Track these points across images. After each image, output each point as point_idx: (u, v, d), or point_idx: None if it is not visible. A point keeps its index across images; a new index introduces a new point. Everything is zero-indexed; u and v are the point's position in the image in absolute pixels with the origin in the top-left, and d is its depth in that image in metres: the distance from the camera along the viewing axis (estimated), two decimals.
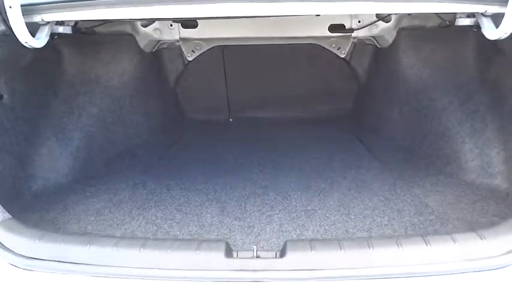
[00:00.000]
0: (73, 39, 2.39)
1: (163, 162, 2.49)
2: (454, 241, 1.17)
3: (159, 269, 1.09)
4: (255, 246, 1.17)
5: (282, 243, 1.70)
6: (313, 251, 1.16)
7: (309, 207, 1.95)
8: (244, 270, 1.09)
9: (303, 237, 1.74)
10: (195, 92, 3.07)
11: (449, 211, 1.86)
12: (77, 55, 2.42)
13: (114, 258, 1.17)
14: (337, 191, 2.08)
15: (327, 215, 1.88)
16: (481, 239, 1.17)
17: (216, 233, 1.77)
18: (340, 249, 1.18)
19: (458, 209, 1.87)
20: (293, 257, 1.14)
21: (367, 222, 1.81)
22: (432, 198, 1.97)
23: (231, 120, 3.19)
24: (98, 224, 1.85)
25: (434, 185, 2.09)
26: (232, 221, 1.86)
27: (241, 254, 1.18)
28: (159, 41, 2.71)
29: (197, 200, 2.04)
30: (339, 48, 2.94)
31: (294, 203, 1.99)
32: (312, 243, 1.21)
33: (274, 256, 1.18)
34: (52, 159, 2.20)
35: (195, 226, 1.83)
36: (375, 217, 1.85)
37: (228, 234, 1.77)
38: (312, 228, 1.79)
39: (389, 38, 2.54)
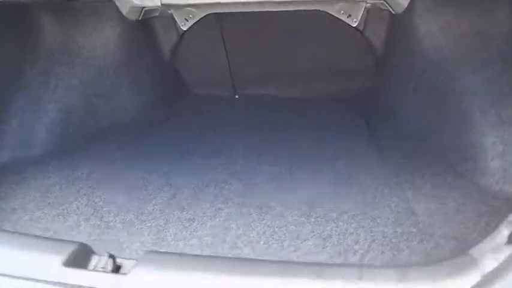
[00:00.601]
0: (54, 7, 2.27)
1: (144, 140, 2.32)
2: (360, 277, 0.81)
3: None
4: (106, 253, 0.93)
5: (217, 242, 1.45)
6: (167, 271, 0.88)
7: (270, 203, 1.64)
8: (73, 285, 0.86)
9: (245, 238, 1.45)
10: (196, 65, 2.82)
11: (440, 223, 1.44)
12: (57, 24, 2.30)
13: None
14: (311, 185, 1.73)
15: (285, 213, 1.57)
16: (400, 281, 0.79)
17: (149, 224, 1.56)
18: (207, 270, 0.89)
19: (455, 222, 1.44)
20: (136, 275, 0.88)
21: (328, 228, 1.47)
22: (424, 204, 1.55)
23: (236, 97, 2.91)
24: (39, 201, 1.74)
25: (436, 187, 1.65)
26: (174, 211, 1.63)
27: (94, 261, 0.94)
28: (143, 7, 2.50)
29: (154, 184, 1.83)
30: (349, 15, 2.47)
31: (255, 196, 1.69)
32: (177, 258, 0.93)
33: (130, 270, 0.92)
34: (24, 132, 2.13)
35: (133, 214, 1.63)
36: (341, 223, 1.49)
37: (163, 226, 1.55)
38: (259, 228, 1.50)
39: (404, 1, 2.04)
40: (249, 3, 2.31)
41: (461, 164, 1.73)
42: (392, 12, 2.21)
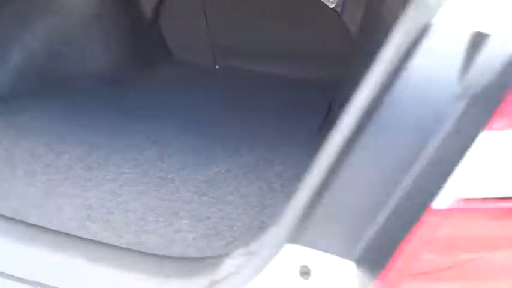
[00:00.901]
0: None
1: (102, 97, 2.31)
2: None
3: None
4: None
5: (96, 206, 1.43)
6: None
7: (172, 175, 1.59)
8: None
9: (124, 206, 1.42)
10: (178, 29, 2.74)
11: None
12: None
13: None
14: (224, 164, 1.66)
15: (181, 189, 1.51)
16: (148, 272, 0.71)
17: (48, 177, 1.56)
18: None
19: None
20: None
21: (213, 210, 1.41)
22: (277, 201, 1.45)
23: (217, 67, 2.83)
24: None
25: None
26: (80, 169, 1.61)
27: None
28: None
29: (77, 140, 1.81)
30: None
31: (164, 167, 1.64)
32: None
33: None
34: None
35: (41, 165, 1.63)
36: (230, 206, 1.42)
37: (59, 181, 1.54)
38: (145, 199, 1.46)
39: None
40: None
41: None
42: None
